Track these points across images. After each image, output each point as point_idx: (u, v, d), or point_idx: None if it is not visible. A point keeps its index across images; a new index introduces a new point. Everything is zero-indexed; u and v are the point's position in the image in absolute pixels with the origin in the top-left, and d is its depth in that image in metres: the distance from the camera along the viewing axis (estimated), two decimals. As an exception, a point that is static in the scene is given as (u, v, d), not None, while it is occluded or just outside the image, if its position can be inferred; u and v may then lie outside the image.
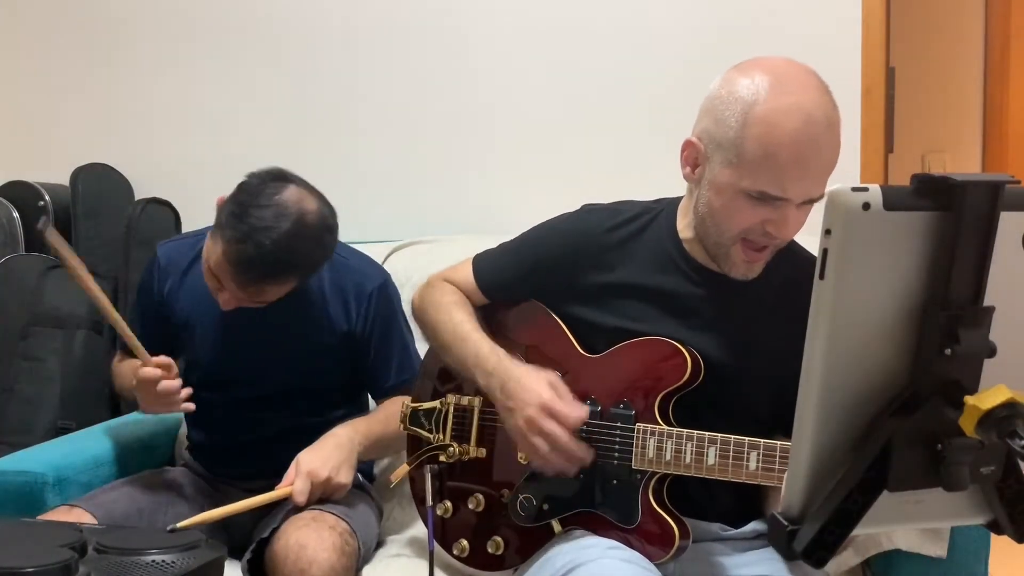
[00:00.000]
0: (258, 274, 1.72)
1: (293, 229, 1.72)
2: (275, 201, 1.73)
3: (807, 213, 1.44)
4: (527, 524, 1.59)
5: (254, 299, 1.78)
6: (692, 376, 1.49)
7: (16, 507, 1.82)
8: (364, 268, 2.00)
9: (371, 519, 1.90)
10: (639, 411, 1.51)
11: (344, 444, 1.81)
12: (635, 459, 1.49)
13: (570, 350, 1.60)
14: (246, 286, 1.74)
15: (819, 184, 1.39)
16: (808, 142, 1.35)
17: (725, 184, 1.42)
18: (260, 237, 1.69)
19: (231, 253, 1.71)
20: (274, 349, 1.94)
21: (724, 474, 1.41)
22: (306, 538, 1.65)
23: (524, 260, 1.68)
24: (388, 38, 2.60)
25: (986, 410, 0.71)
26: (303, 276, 1.82)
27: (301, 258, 1.77)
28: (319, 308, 1.94)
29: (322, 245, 1.80)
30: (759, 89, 1.37)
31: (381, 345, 1.97)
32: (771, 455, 1.38)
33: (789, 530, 0.76)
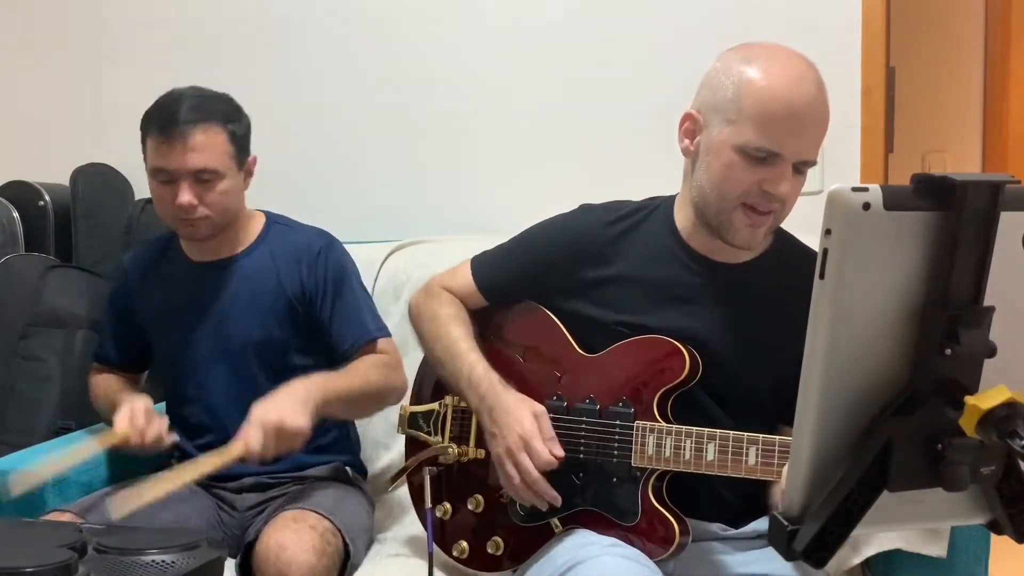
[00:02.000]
0: (183, 122, 1.86)
1: (192, 88, 1.96)
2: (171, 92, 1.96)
3: (801, 182, 1.48)
4: (527, 524, 1.59)
5: (194, 161, 1.86)
6: (690, 373, 1.50)
7: (16, 507, 1.82)
8: (309, 232, 2.07)
9: (360, 514, 1.89)
10: (638, 409, 1.51)
11: (297, 392, 1.76)
12: (635, 457, 1.49)
13: (568, 350, 1.60)
14: (180, 143, 1.85)
15: (812, 145, 1.45)
16: (801, 98, 1.41)
17: (723, 143, 1.46)
18: (169, 99, 1.92)
19: (155, 125, 1.89)
20: (234, 323, 1.97)
21: (724, 470, 1.42)
22: (286, 539, 1.66)
23: (523, 260, 1.69)
24: (388, 38, 2.60)
25: (986, 410, 0.71)
26: (223, 122, 1.91)
27: (209, 102, 1.92)
28: (270, 274, 1.99)
29: (226, 100, 1.97)
30: (752, 57, 1.45)
31: (335, 304, 1.98)
32: (770, 449, 1.39)
33: (789, 530, 0.76)
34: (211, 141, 1.88)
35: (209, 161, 1.88)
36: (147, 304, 2.06)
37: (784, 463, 1.36)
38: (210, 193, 1.90)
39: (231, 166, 1.92)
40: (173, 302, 2.03)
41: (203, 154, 1.87)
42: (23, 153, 2.82)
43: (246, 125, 1.99)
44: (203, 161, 1.87)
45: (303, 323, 1.99)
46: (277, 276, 1.98)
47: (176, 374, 2.03)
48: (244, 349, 1.97)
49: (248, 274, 1.99)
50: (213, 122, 1.89)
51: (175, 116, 1.87)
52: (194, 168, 1.87)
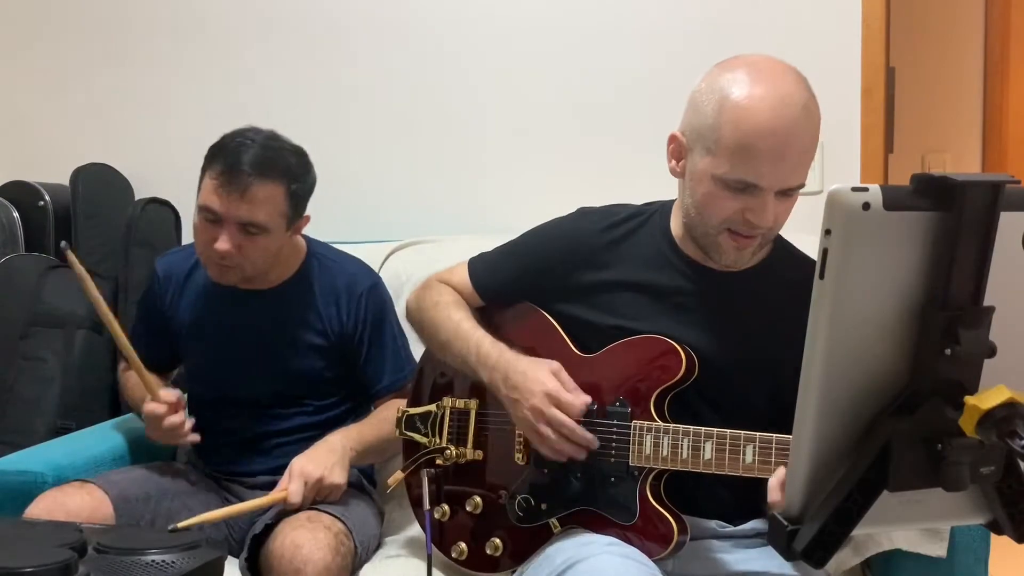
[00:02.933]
0: (246, 173, 1.80)
1: (269, 133, 1.91)
2: (249, 131, 1.90)
3: (790, 204, 1.46)
4: (525, 524, 1.59)
5: (246, 212, 1.81)
6: (687, 373, 1.50)
7: (16, 507, 1.82)
8: (355, 269, 2.05)
9: (370, 520, 1.91)
10: (635, 408, 1.51)
11: (336, 448, 1.85)
12: (632, 456, 1.49)
13: (565, 350, 1.60)
14: (236, 191, 1.80)
15: (795, 173, 1.41)
16: (782, 129, 1.37)
17: (704, 172, 1.44)
18: (241, 140, 1.85)
19: (218, 164, 1.83)
20: (271, 350, 1.97)
21: (721, 468, 1.42)
22: (301, 538, 1.66)
23: (520, 263, 1.69)
24: (388, 38, 2.60)
25: (986, 410, 0.71)
26: (288, 183, 1.86)
27: (281, 156, 1.87)
28: (312, 308, 1.98)
29: (299, 153, 1.92)
30: (735, 79, 1.41)
31: (373, 345, 2.00)
32: (767, 448, 1.39)
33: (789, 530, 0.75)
34: (268, 198, 1.83)
35: (259, 216, 1.83)
36: (179, 315, 2.05)
37: (781, 461, 1.36)
38: (251, 246, 1.85)
39: (280, 224, 1.88)
40: (206, 320, 2.01)
41: (257, 209, 1.82)
42: (23, 153, 2.82)
43: (310, 184, 1.94)
44: (253, 215, 1.82)
45: (336, 359, 1.99)
46: (317, 313, 1.97)
47: (205, 389, 2.04)
48: (279, 379, 1.97)
49: (287, 307, 1.97)
50: (276, 179, 1.84)
51: (240, 162, 1.81)
52: (244, 220, 1.82)
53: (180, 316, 2.04)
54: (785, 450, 1.35)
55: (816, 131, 1.42)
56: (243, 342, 1.98)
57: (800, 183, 1.43)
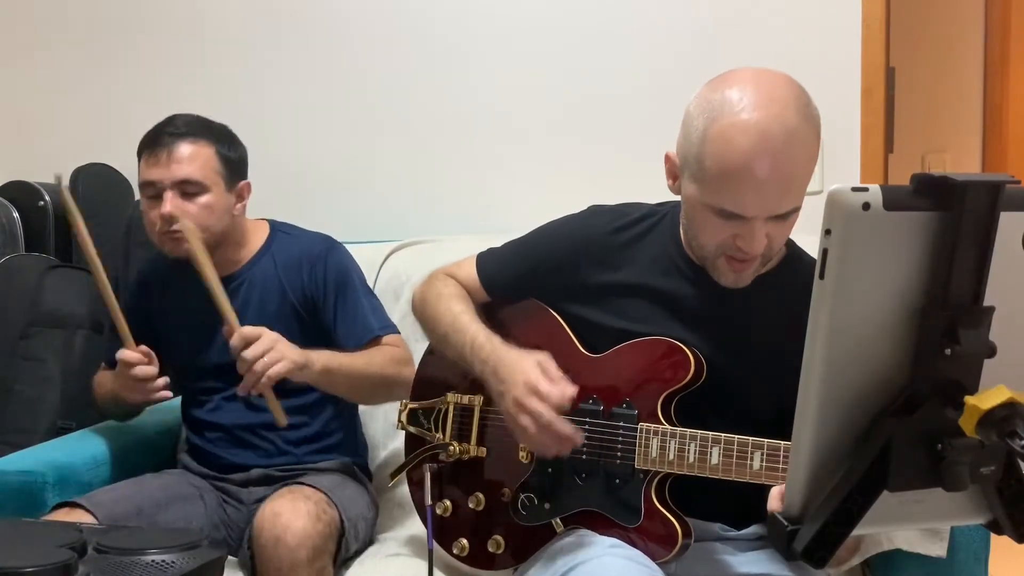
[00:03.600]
0: (168, 135, 1.90)
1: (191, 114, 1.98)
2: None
3: (786, 225, 1.43)
4: (528, 523, 1.59)
5: (177, 171, 1.88)
6: (695, 376, 1.49)
7: (16, 507, 1.82)
8: (310, 237, 2.07)
9: (360, 501, 1.91)
10: (642, 411, 1.51)
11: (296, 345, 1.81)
12: (638, 459, 1.49)
13: (572, 349, 1.60)
14: (164, 154, 1.88)
15: (783, 200, 1.38)
16: (761, 160, 1.32)
17: (693, 199, 1.43)
18: (166, 119, 1.96)
19: (146, 139, 1.93)
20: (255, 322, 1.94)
21: (728, 474, 1.41)
22: (281, 507, 1.70)
23: (528, 259, 1.69)
24: (388, 38, 2.60)
25: (986, 410, 0.71)
26: (213, 141, 1.93)
27: (204, 123, 1.96)
28: (274, 282, 2.00)
29: (223, 128, 1.99)
30: (720, 105, 1.36)
31: (338, 306, 1.99)
32: (775, 455, 1.38)
33: (789, 530, 0.75)
34: (197, 154, 1.90)
35: (193, 172, 1.89)
36: (163, 316, 2.07)
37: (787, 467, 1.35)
38: (192, 205, 1.89)
39: (217, 182, 1.93)
40: (187, 316, 2.03)
41: (187, 166, 1.89)
42: (23, 153, 2.82)
43: (240, 153, 2.00)
44: (186, 172, 1.88)
45: (310, 328, 1.99)
46: (280, 283, 2.00)
47: (192, 381, 2.05)
48: None
49: (253, 284, 2.00)
50: (201, 138, 1.92)
51: (164, 130, 1.91)
52: (178, 178, 1.88)
53: (164, 316, 2.07)
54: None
55: (810, 151, 1.38)
56: (215, 326, 1.95)
57: (793, 207, 1.40)
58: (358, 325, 1.98)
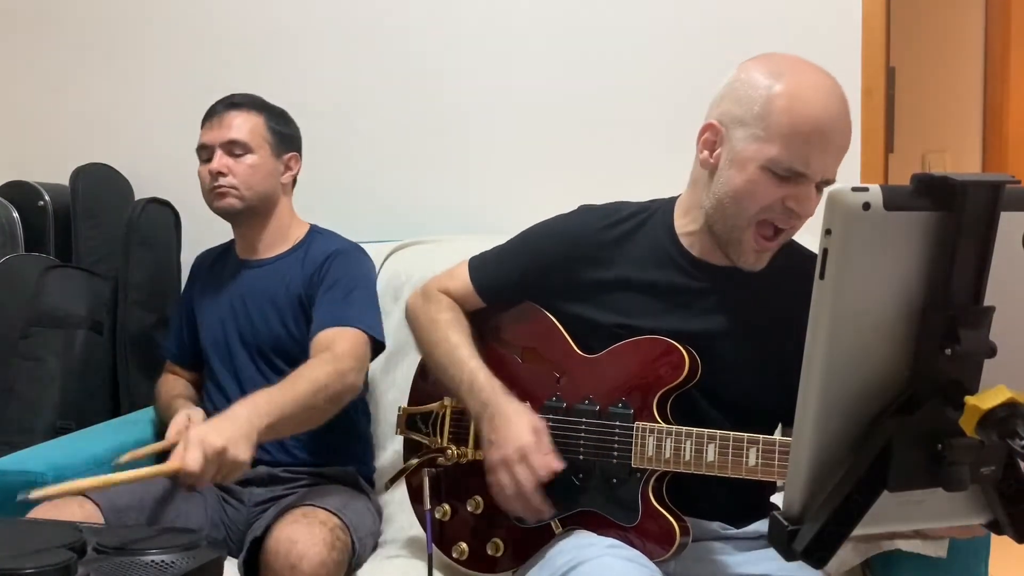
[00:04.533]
0: (224, 103, 2.09)
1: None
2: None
3: (820, 199, 1.46)
4: (527, 525, 1.59)
5: (228, 133, 2.05)
6: (690, 374, 1.49)
7: (16, 507, 1.82)
8: (335, 240, 2.15)
9: (367, 517, 1.90)
10: (638, 410, 1.51)
11: (240, 419, 1.64)
12: (635, 458, 1.49)
13: (567, 350, 1.60)
14: (217, 120, 2.07)
15: (836, 163, 1.45)
16: (831, 117, 1.41)
17: (748, 159, 1.44)
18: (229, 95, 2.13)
19: (207, 112, 2.11)
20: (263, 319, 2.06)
21: (724, 470, 1.42)
22: (296, 533, 1.66)
23: (521, 261, 1.69)
24: (388, 38, 2.60)
25: (986, 410, 0.71)
26: (265, 113, 2.10)
27: (264, 101, 2.13)
28: (294, 275, 2.07)
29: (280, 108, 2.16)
30: (781, 70, 1.43)
31: (324, 292, 2.00)
32: (770, 450, 1.39)
33: (789, 530, 0.75)
34: (247, 121, 2.07)
35: (241, 134, 2.05)
36: (199, 300, 2.18)
37: (785, 463, 1.36)
38: (239, 164, 2.04)
39: (263, 146, 2.08)
40: (217, 298, 2.13)
41: (237, 129, 2.05)
42: (23, 153, 2.82)
43: (291, 131, 2.17)
44: (235, 134, 2.04)
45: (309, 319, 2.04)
46: (296, 278, 2.06)
47: (212, 363, 2.11)
48: (266, 344, 2.04)
49: (276, 274, 2.09)
50: (254, 109, 2.09)
51: (222, 102, 2.10)
52: (225, 139, 2.04)
53: (199, 299, 2.17)
54: (788, 452, 1.35)
55: (851, 125, 1.46)
56: (238, 308, 2.08)
57: (835, 177, 1.46)
58: (332, 313, 1.94)
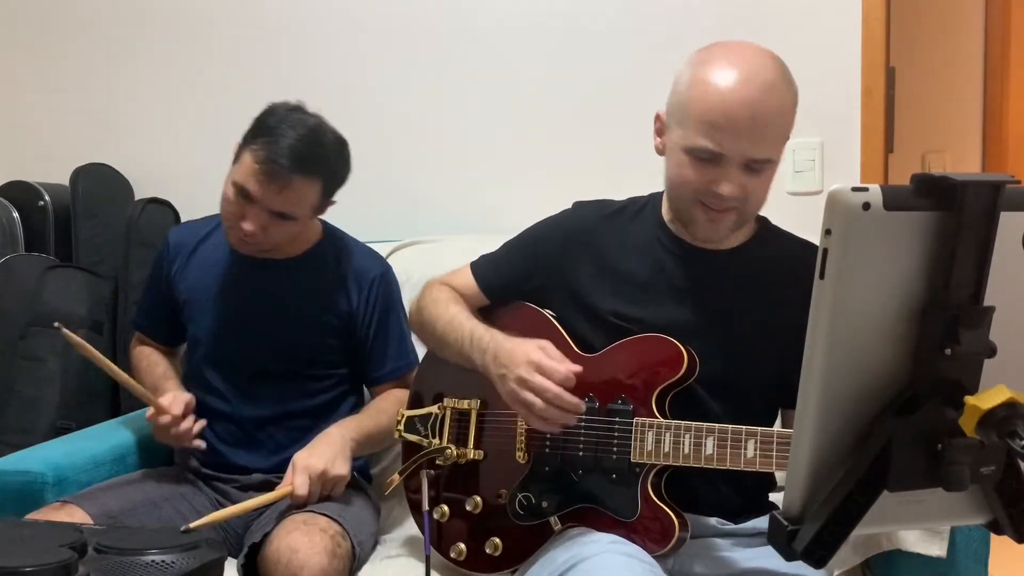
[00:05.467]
0: (288, 169, 1.82)
1: (317, 124, 1.90)
2: (297, 113, 1.91)
3: (762, 180, 1.49)
4: (526, 523, 1.59)
5: (280, 204, 1.85)
6: (688, 371, 1.51)
7: (16, 507, 1.82)
8: (369, 255, 2.09)
9: (367, 517, 1.90)
10: (637, 406, 1.52)
11: (336, 440, 1.86)
12: (634, 452, 1.50)
13: (567, 350, 1.60)
14: (276, 184, 1.82)
15: (757, 145, 1.45)
16: (741, 99, 1.43)
17: (676, 145, 1.50)
18: (289, 129, 1.85)
19: (263, 148, 1.83)
20: (275, 324, 1.99)
21: (723, 463, 1.43)
22: (297, 542, 1.66)
23: (521, 257, 1.72)
24: (388, 38, 2.60)
25: (986, 410, 0.71)
26: (326, 180, 1.90)
27: (325, 153, 1.89)
28: (323, 287, 2.01)
29: (342, 154, 1.94)
30: (708, 57, 1.49)
31: (379, 330, 2.02)
32: (768, 442, 1.40)
33: (789, 530, 0.75)
34: (305, 193, 1.87)
35: (293, 209, 1.88)
36: (186, 280, 2.07)
37: (784, 454, 1.38)
38: (276, 229, 1.90)
39: (308, 214, 1.93)
40: (214, 286, 2.04)
41: (291, 203, 1.86)
42: (23, 153, 2.82)
43: (344, 176, 1.96)
44: (288, 208, 1.87)
45: (344, 340, 2.02)
46: (329, 292, 2.00)
47: (202, 355, 2.04)
48: (281, 351, 1.99)
49: (299, 282, 2.00)
50: (316, 176, 1.87)
51: (284, 154, 1.82)
52: (276, 210, 1.86)
53: (184, 286, 2.06)
54: (787, 444, 1.36)
55: (786, 110, 1.47)
56: (251, 309, 2.01)
57: (767, 157, 1.47)
58: (391, 356, 2.03)
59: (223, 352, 2.01)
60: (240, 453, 1.99)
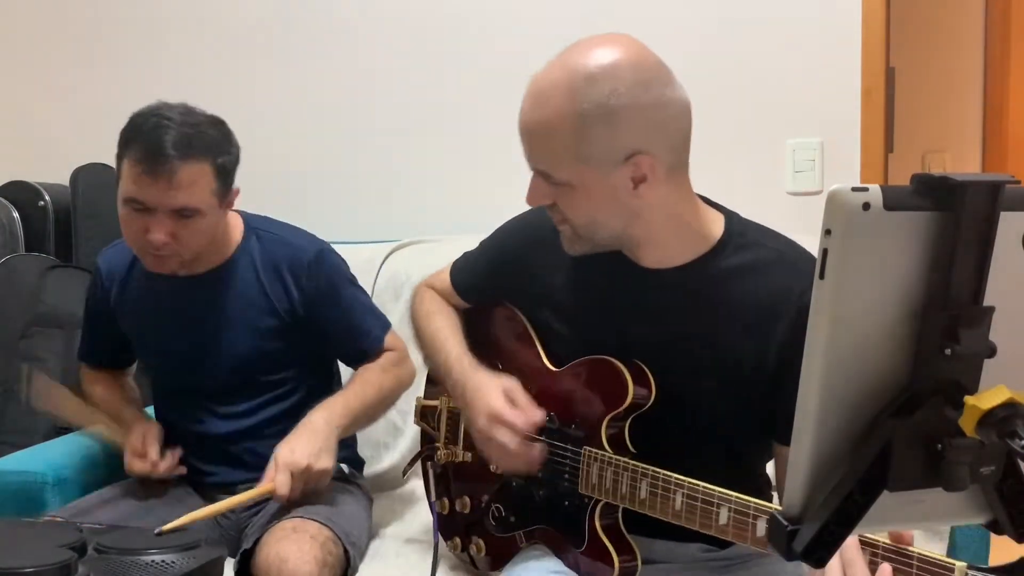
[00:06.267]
0: (170, 156, 1.72)
1: (184, 110, 1.80)
2: (159, 108, 1.81)
3: (561, 195, 1.44)
4: (497, 534, 1.59)
5: (175, 199, 1.74)
6: (634, 403, 1.41)
7: (16, 507, 1.82)
8: (296, 241, 1.96)
9: (360, 516, 1.88)
10: (587, 434, 1.45)
11: (320, 429, 1.78)
12: (581, 483, 1.44)
13: (537, 362, 1.56)
14: (164, 178, 1.72)
15: (533, 156, 1.50)
16: (521, 113, 1.49)
17: None
18: (157, 121, 1.75)
19: (137, 150, 1.74)
20: (223, 339, 1.92)
21: (653, 510, 1.36)
22: (286, 551, 1.63)
23: (488, 259, 1.67)
24: (387, 37, 2.60)
25: (986, 410, 0.71)
26: (212, 158, 1.77)
27: (201, 132, 1.78)
28: (256, 287, 1.91)
29: (220, 130, 1.82)
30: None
31: (337, 315, 1.93)
32: (695, 496, 1.31)
33: (789, 530, 0.75)
34: (197, 178, 1.75)
35: (191, 200, 1.76)
36: (126, 311, 2.00)
37: (707, 512, 1.30)
38: (186, 231, 1.78)
39: (213, 203, 1.80)
40: (154, 313, 1.97)
41: (187, 192, 1.75)
42: (23, 153, 2.82)
43: (235, 155, 1.85)
44: (185, 200, 1.75)
45: (295, 335, 1.94)
46: (263, 292, 1.91)
47: (164, 384, 2.01)
48: (231, 365, 1.93)
49: (230, 290, 1.92)
50: (201, 157, 1.76)
51: (161, 147, 1.72)
52: (175, 207, 1.75)
53: (127, 311, 2.00)
54: (710, 502, 1.29)
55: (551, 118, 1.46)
56: (190, 330, 1.93)
57: (543, 169, 1.46)
58: (360, 335, 1.94)
59: (179, 378, 1.96)
60: (223, 470, 1.96)
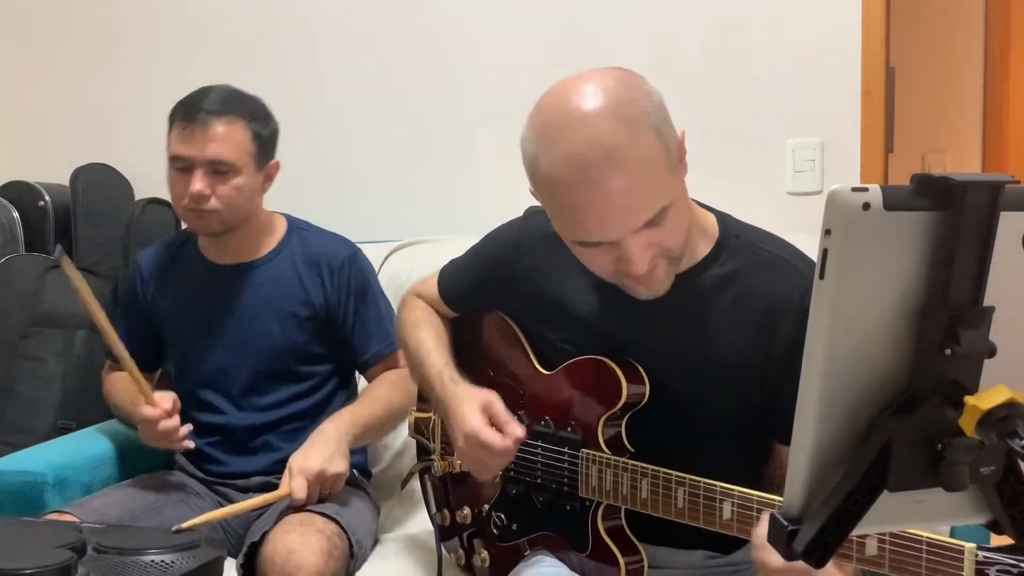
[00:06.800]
0: (206, 111, 1.88)
1: (227, 86, 1.97)
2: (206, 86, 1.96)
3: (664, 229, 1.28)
4: (500, 543, 1.58)
5: (212, 151, 1.87)
6: (629, 401, 1.40)
7: (16, 507, 1.82)
8: (333, 240, 2.08)
9: (366, 516, 1.91)
10: (584, 436, 1.44)
11: (330, 437, 1.84)
12: (580, 486, 1.43)
13: (528, 366, 1.55)
14: (199, 131, 1.86)
15: (629, 215, 1.26)
16: (590, 186, 1.24)
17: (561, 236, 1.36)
18: (199, 91, 1.93)
19: (180, 113, 1.91)
20: (254, 323, 1.99)
21: (655, 509, 1.35)
22: (294, 542, 1.66)
23: (476, 268, 1.64)
24: (387, 37, 2.60)
25: (986, 410, 0.71)
26: (249, 121, 1.91)
27: (239, 97, 1.94)
28: (294, 281, 2.00)
29: (259, 102, 1.97)
30: (533, 141, 1.35)
31: (356, 313, 2.00)
32: (696, 493, 1.31)
33: (789, 530, 0.75)
34: (232, 134, 1.88)
35: (226, 153, 1.88)
36: (163, 305, 2.06)
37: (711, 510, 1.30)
38: (223, 186, 1.89)
39: (248, 163, 1.92)
40: (191, 304, 2.03)
41: (221, 145, 1.87)
42: (23, 153, 2.82)
43: (273, 129, 1.98)
44: (220, 152, 1.87)
45: (324, 330, 2.01)
46: (300, 283, 2.00)
47: (192, 375, 2.04)
48: (265, 354, 1.99)
49: (270, 280, 2.00)
50: (237, 116, 1.90)
51: (199, 105, 1.88)
52: (210, 157, 1.87)
53: (164, 304, 2.06)
54: (713, 498, 1.29)
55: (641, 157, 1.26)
56: (226, 317, 2.00)
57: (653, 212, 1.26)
58: (377, 336, 2.01)
59: (213, 369, 2.01)
60: (238, 460, 2.00)
